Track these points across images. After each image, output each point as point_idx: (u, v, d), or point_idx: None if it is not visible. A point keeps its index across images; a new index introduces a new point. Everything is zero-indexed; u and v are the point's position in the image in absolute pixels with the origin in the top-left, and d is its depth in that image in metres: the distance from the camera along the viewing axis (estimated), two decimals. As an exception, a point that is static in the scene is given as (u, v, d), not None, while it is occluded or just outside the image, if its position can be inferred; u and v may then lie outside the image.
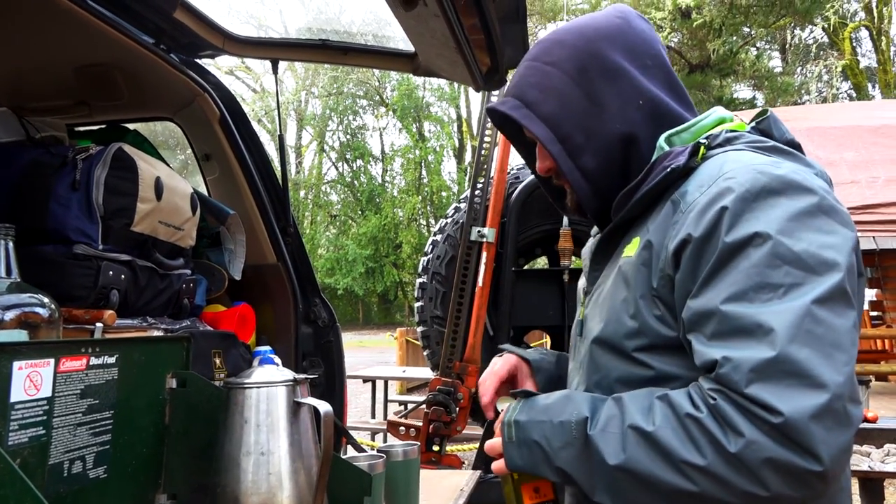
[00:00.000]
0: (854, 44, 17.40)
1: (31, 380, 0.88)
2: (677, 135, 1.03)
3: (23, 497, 0.69)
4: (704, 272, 0.86)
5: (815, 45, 17.84)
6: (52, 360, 0.92)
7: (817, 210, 0.85)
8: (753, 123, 1.02)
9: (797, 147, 0.99)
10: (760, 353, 0.79)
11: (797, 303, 0.80)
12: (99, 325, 1.49)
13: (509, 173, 3.37)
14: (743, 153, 0.94)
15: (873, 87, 17.49)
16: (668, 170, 0.95)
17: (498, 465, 1.01)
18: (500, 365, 1.21)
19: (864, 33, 17.75)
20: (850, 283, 0.82)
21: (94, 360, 1.00)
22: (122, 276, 1.66)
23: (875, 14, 16.29)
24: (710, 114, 1.06)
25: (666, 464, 0.82)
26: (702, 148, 0.97)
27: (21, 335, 1.07)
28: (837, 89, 17.21)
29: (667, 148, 1.01)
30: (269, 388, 1.11)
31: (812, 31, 17.46)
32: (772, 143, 0.97)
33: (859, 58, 17.51)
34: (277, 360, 1.95)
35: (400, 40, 2.20)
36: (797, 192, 0.85)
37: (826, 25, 16.02)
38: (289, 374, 1.14)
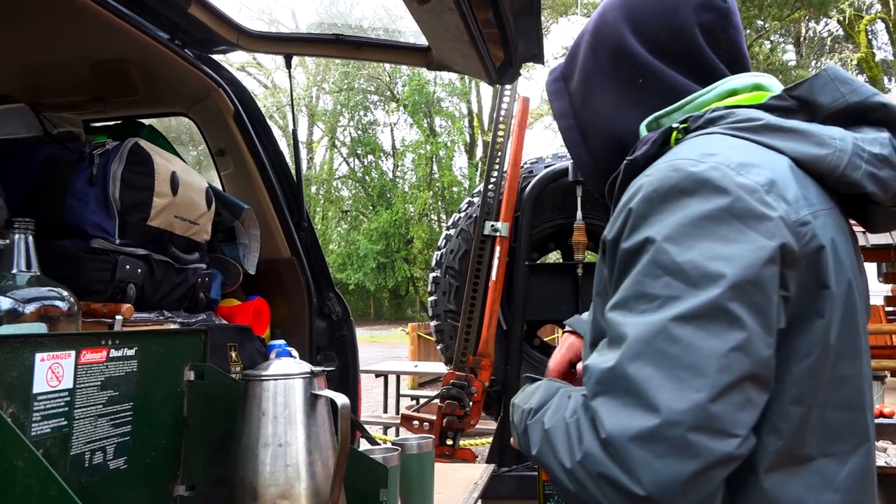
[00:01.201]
0: (870, 36, 17.23)
1: (53, 371, 0.89)
2: (668, 115, 0.94)
3: (47, 486, 0.69)
4: (614, 277, 0.82)
5: (830, 38, 17.69)
6: (73, 352, 0.93)
7: (726, 214, 0.75)
8: (785, 93, 0.88)
9: (850, 114, 0.85)
10: (607, 365, 0.75)
11: (656, 317, 0.73)
12: (119, 317, 1.50)
13: (523, 167, 3.36)
14: (712, 139, 0.84)
15: (889, 80, 17.32)
16: (625, 163, 0.89)
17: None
18: (564, 348, 1.18)
19: (879, 26, 17.57)
20: (743, 299, 0.72)
21: (113, 353, 1.02)
22: (139, 271, 1.67)
23: (891, 6, 16.12)
24: (716, 86, 0.93)
25: (552, 461, 0.80)
26: (674, 133, 0.88)
27: (41, 328, 1.09)
28: (853, 82, 17.04)
29: (645, 133, 0.94)
30: (286, 380, 1.12)
31: (827, 24, 17.30)
32: (766, 121, 0.84)
33: (875, 51, 17.32)
34: (294, 352, 1.96)
35: (412, 34, 2.20)
36: (709, 193, 0.76)
37: (841, 18, 15.87)
38: (306, 367, 1.15)
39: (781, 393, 0.76)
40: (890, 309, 8.89)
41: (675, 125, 0.89)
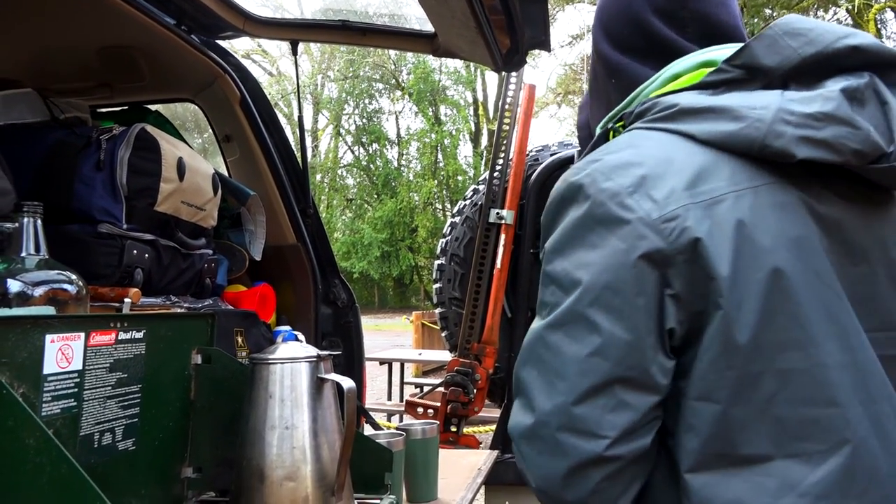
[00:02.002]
0: (879, 25, 17.09)
1: (63, 353, 0.90)
2: (622, 111, 0.91)
3: (58, 464, 0.70)
4: None
5: (838, 27, 17.54)
6: (82, 334, 0.94)
7: (591, 221, 0.76)
8: (726, 63, 0.81)
9: (815, 68, 0.76)
10: (515, 369, 0.82)
11: (538, 324, 0.79)
12: (127, 300, 1.51)
13: (528, 155, 3.36)
14: (625, 137, 0.83)
15: (898, 69, 17.20)
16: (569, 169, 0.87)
17: None
18: None
19: (889, 15, 17.43)
20: (599, 304, 0.73)
21: (122, 335, 1.02)
22: (146, 256, 1.68)
23: (901, -5, 15.99)
24: (660, 73, 0.88)
25: None
26: (611, 133, 0.88)
27: (49, 311, 1.09)
28: (861, 72, 16.93)
29: (597, 133, 0.93)
30: (293, 363, 1.12)
31: (836, 13, 17.15)
32: (680, 106, 0.79)
33: (884, 39, 17.19)
34: (301, 336, 1.97)
35: (417, 21, 2.19)
36: (580, 201, 0.77)
37: (850, 7, 15.73)
38: (312, 351, 1.16)
39: (686, 389, 0.75)
40: None
41: (611, 125, 0.89)
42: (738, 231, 0.73)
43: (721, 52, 0.85)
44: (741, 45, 0.80)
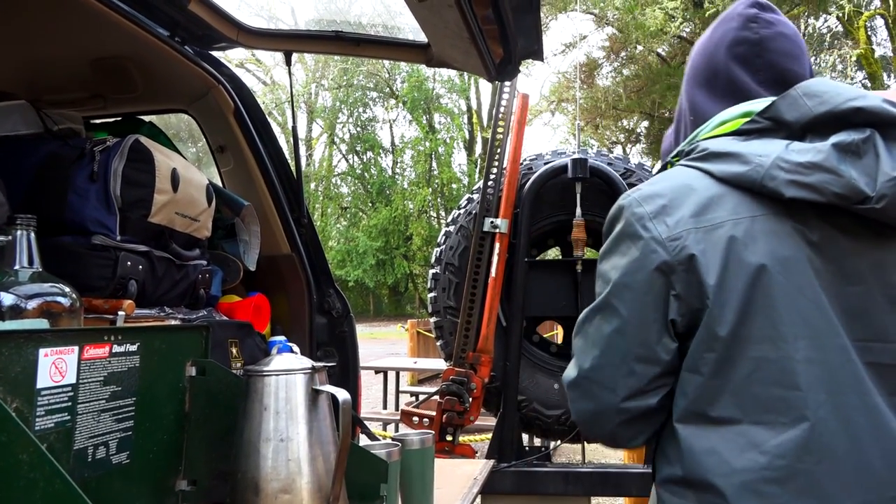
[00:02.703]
0: (869, 32, 17.20)
1: (57, 367, 0.90)
2: (687, 145, 1.10)
3: (52, 480, 0.70)
4: None
5: (829, 35, 17.65)
6: (76, 348, 0.94)
7: (623, 235, 1.03)
8: (758, 115, 1.01)
9: (826, 123, 0.95)
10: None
11: (587, 308, 1.06)
12: (121, 313, 1.51)
13: (522, 164, 3.36)
14: (668, 172, 1.08)
15: (888, 76, 17.30)
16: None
17: None
18: None
19: (879, 22, 17.54)
20: (620, 297, 1.00)
21: (116, 348, 1.02)
22: (140, 267, 1.67)
23: (891, 2, 16.09)
24: (712, 120, 1.09)
25: None
26: (668, 165, 1.12)
27: (43, 324, 1.09)
28: (852, 79, 17.02)
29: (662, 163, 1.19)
30: (288, 375, 1.12)
31: (826, 21, 17.26)
32: (709, 150, 1.02)
33: (874, 47, 17.30)
34: (296, 348, 1.97)
35: (410, 31, 2.20)
36: (618, 219, 1.05)
37: (840, 14, 15.84)
38: (307, 362, 1.16)
39: (684, 364, 0.98)
40: None
41: (668, 159, 1.13)
42: (728, 250, 0.94)
43: (758, 105, 1.03)
44: (768, 99, 1.01)
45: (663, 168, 1.14)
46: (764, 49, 1.08)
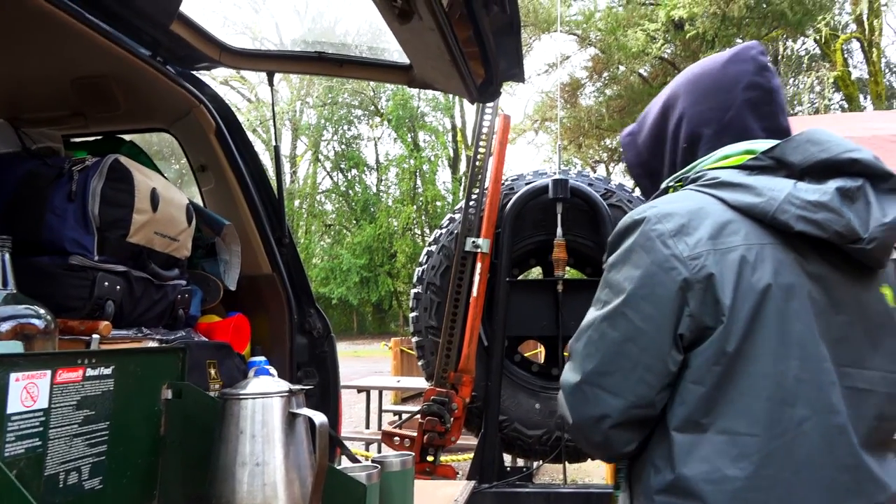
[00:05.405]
0: (846, 55, 17.51)
1: (28, 391, 0.89)
2: (685, 174, 1.18)
3: (20, 508, 0.69)
4: None
5: (807, 57, 17.94)
6: (48, 372, 0.93)
7: (639, 248, 1.06)
8: (763, 154, 1.09)
9: (824, 168, 1.04)
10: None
11: (593, 314, 1.10)
12: (95, 336, 1.49)
13: (504, 184, 3.38)
14: (678, 194, 1.13)
15: (865, 98, 17.60)
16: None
17: None
18: None
19: (855, 45, 17.86)
20: (635, 307, 1.04)
21: (90, 372, 1.01)
22: (118, 288, 1.66)
23: (866, 26, 16.41)
24: (715, 153, 1.17)
25: None
26: (669, 189, 1.18)
27: (17, 346, 1.08)
28: (829, 100, 17.30)
29: (661, 188, 1.22)
30: (264, 398, 1.11)
31: (804, 43, 17.55)
32: (721, 179, 1.09)
33: (851, 69, 17.61)
34: (273, 370, 1.95)
35: (395, 52, 2.21)
36: (632, 232, 1.09)
37: (818, 37, 16.13)
38: (284, 385, 1.15)
39: (687, 375, 1.03)
40: None
41: (670, 183, 1.19)
42: (740, 272, 1.01)
43: (760, 144, 1.12)
44: (777, 141, 1.09)
45: (664, 191, 1.19)
46: (772, 100, 1.18)
